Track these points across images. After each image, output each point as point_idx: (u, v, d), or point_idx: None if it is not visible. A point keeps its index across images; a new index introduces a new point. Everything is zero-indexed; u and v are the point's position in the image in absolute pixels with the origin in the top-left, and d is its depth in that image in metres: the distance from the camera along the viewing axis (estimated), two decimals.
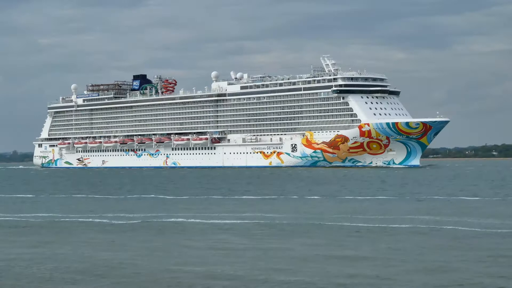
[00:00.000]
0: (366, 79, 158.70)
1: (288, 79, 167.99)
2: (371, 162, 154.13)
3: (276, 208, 50.44)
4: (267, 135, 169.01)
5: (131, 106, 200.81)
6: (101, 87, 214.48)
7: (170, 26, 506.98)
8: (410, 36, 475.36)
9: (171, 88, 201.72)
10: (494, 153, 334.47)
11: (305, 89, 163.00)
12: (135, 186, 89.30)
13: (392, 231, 35.68)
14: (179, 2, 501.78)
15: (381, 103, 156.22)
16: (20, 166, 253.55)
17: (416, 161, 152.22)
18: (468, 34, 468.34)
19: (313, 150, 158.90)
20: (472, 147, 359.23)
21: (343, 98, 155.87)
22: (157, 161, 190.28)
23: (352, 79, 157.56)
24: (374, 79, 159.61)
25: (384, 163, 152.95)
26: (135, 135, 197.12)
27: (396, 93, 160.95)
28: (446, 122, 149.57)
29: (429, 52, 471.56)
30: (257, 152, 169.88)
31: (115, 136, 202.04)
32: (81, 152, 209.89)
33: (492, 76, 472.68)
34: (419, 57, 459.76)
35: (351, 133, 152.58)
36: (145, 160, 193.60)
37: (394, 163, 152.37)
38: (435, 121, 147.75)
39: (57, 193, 74.61)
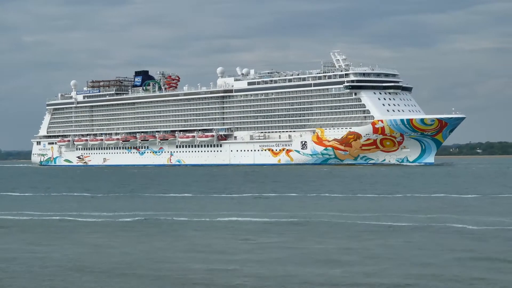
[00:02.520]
0: (378, 74, 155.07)
1: (298, 74, 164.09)
2: (384, 160, 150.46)
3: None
4: (276, 132, 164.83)
5: (134, 103, 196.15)
6: (102, 83, 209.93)
7: (156, 24, 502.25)
8: (396, 35, 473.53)
9: (174, 85, 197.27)
10: (479, 150, 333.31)
11: (315, 84, 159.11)
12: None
13: None
14: (165, 0, 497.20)
15: (394, 99, 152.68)
16: (6, 165, 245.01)
17: (430, 158, 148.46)
18: (453, 32, 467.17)
19: (324, 148, 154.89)
20: (456, 145, 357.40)
21: (355, 94, 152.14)
22: (161, 159, 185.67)
23: (364, 74, 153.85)
24: (387, 75, 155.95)
25: (398, 161, 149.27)
26: (138, 132, 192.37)
27: (408, 89, 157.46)
28: (462, 118, 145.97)
29: (414, 51, 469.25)
30: (265, 150, 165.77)
31: (116, 133, 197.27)
32: (82, 149, 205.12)
33: (477, 74, 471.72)
34: (404, 56, 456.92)
35: (364, 129, 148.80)
36: (148, 158, 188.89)
37: (408, 160, 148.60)
38: (451, 118, 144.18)
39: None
